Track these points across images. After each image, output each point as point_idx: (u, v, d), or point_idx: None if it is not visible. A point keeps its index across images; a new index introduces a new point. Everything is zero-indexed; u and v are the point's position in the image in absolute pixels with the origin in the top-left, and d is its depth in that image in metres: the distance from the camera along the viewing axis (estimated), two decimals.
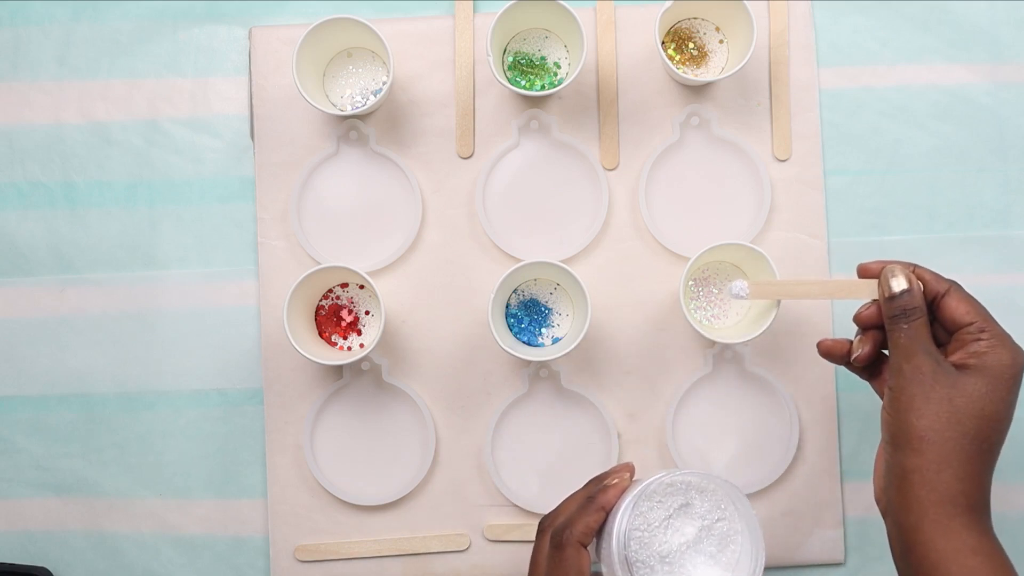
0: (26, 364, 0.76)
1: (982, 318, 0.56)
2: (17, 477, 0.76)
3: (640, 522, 0.58)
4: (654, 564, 0.58)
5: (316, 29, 0.69)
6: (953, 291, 0.58)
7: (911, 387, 0.55)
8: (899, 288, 0.57)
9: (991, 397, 0.54)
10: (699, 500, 0.60)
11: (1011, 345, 0.55)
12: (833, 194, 0.76)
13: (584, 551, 0.58)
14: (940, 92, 0.77)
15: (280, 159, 0.76)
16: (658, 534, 0.59)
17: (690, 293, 0.74)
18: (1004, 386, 0.54)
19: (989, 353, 0.55)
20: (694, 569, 0.59)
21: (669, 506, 0.59)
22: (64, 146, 0.77)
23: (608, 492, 0.60)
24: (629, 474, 0.61)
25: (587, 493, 0.61)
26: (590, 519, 0.59)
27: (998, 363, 0.54)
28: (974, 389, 0.54)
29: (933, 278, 0.58)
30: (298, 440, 0.75)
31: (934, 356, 0.55)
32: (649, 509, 0.59)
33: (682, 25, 0.76)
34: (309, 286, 0.71)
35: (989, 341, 0.55)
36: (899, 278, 0.58)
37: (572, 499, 0.62)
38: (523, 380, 0.74)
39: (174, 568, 0.76)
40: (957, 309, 0.57)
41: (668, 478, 0.59)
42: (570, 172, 0.76)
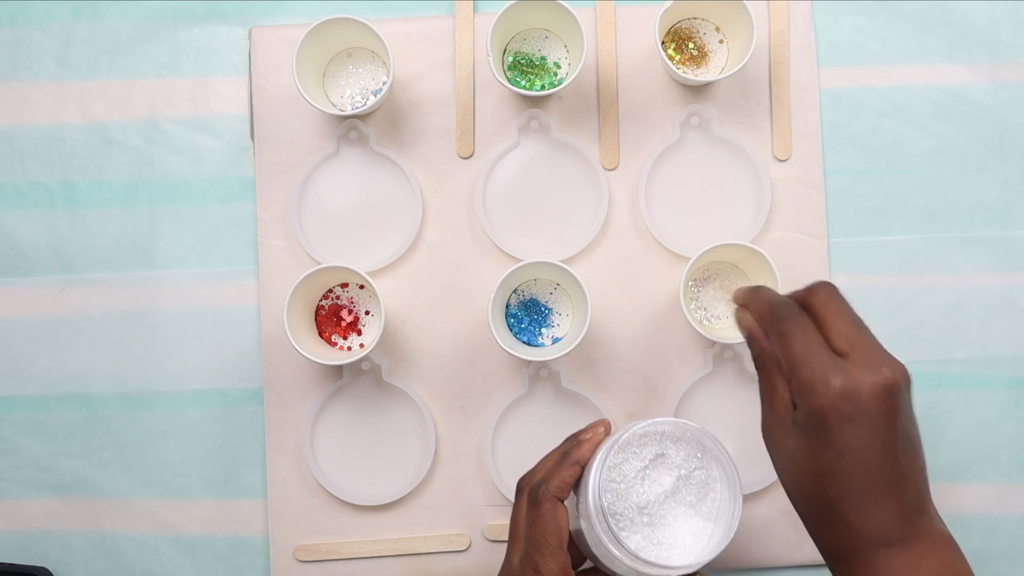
0: (26, 364, 0.76)
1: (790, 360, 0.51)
2: (17, 477, 0.76)
3: (615, 474, 0.58)
4: (632, 516, 0.58)
5: (316, 29, 0.69)
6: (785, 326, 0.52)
7: (768, 451, 0.54)
8: (744, 337, 0.56)
9: (818, 453, 0.50)
10: (674, 450, 0.59)
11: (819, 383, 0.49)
12: (833, 194, 0.76)
13: (561, 505, 0.59)
14: (940, 92, 0.77)
15: (280, 159, 0.76)
16: (635, 485, 0.58)
17: (690, 293, 0.74)
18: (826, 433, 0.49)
19: (800, 406, 0.50)
20: (674, 520, 0.59)
21: (644, 457, 0.59)
22: (64, 146, 0.77)
23: (582, 447, 0.60)
24: (603, 429, 0.62)
25: (562, 450, 0.61)
26: (565, 474, 0.59)
27: (806, 414, 0.50)
28: (800, 448, 0.51)
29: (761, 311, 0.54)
30: (298, 440, 0.75)
31: (775, 415, 0.52)
32: (624, 461, 0.59)
33: (682, 25, 0.76)
34: (309, 286, 0.71)
35: (797, 392, 0.50)
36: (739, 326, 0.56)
37: (548, 457, 0.62)
38: (523, 380, 0.74)
39: (174, 568, 0.76)
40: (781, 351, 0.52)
41: (641, 429, 0.58)
42: (570, 172, 0.76)
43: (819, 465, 0.50)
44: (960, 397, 0.75)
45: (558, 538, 0.58)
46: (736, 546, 0.74)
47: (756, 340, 0.54)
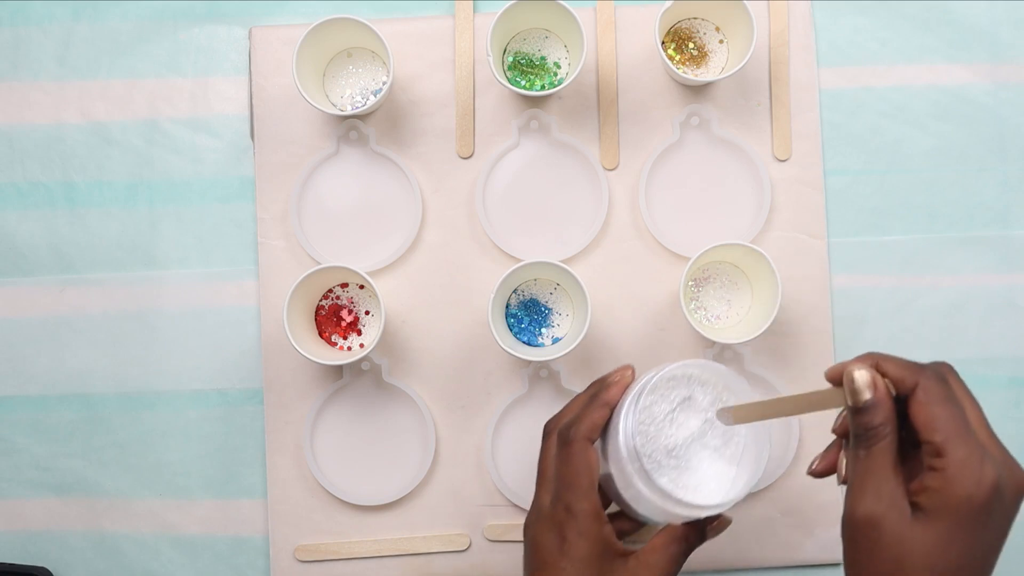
0: (26, 364, 0.76)
1: (944, 433, 0.45)
2: (17, 477, 0.76)
3: (644, 416, 0.58)
4: (660, 458, 0.58)
5: (316, 29, 0.69)
6: (919, 391, 0.47)
7: (854, 547, 0.47)
8: (864, 398, 0.47)
9: (944, 548, 0.45)
10: (701, 393, 0.59)
11: (972, 473, 0.45)
12: (833, 194, 0.76)
13: (591, 446, 0.58)
14: (940, 92, 0.77)
15: (280, 159, 0.76)
16: (663, 428, 0.58)
17: (690, 293, 0.74)
18: (962, 529, 0.45)
19: (941, 491, 0.45)
20: (700, 463, 0.59)
21: (672, 399, 0.59)
22: (64, 146, 0.77)
23: (611, 389, 0.60)
24: (631, 372, 0.61)
25: (590, 393, 0.61)
26: (595, 415, 0.59)
27: (949, 504, 0.45)
28: (922, 543, 0.45)
29: (899, 374, 0.48)
30: (298, 440, 0.75)
31: (885, 500, 0.46)
32: (652, 403, 0.58)
33: (682, 25, 0.76)
34: (309, 286, 0.71)
35: (943, 472, 0.45)
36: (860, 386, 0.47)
37: (576, 401, 0.62)
38: (523, 380, 0.74)
39: (174, 568, 0.76)
40: (917, 417, 0.47)
41: (670, 371, 0.58)
42: (570, 172, 0.76)
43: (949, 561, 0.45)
44: None
45: (589, 478, 0.57)
46: (736, 546, 0.74)
47: (881, 406, 0.47)
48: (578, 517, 0.57)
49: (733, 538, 0.74)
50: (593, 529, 0.57)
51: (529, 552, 0.59)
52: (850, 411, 0.48)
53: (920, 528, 0.45)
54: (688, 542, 0.58)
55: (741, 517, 0.74)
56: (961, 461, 0.45)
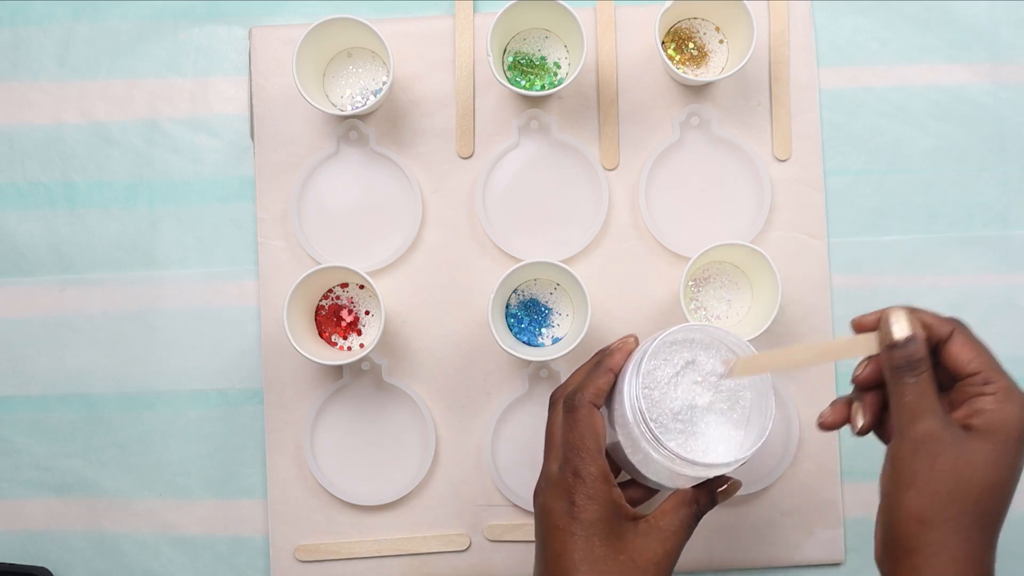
0: (26, 364, 0.77)
1: (987, 367, 0.51)
2: (17, 477, 0.76)
3: (648, 380, 0.59)
4: (667, 422, 0.58)
5: (316, 29, 0.69)
6: (957, 334, 0.53)
7: (914, 460, 0.50)
8: (902, 335, 0.52)
9: (997, 464, 0.50)
10: (704, 356, 0.60)
11: (1019, 398, 0.51)
12: (833, 194, 0.76)
13: (597, 411, 0.59)
14: (940, 92, 0.77)
15: (280, 159, 0.76)
16: (668, 391, 0.59)
17: (690, 293, 0.74)
18: (1012, 449, 0.50)
19: (995, 411, 0.50)
20: (706, 427, 0.59)
21: (676, 363, 0.59)
22: (64, 146, 0.77)
23: (615, 355, 0.61)
24: (633, 339, 0.62)
25: (594, 361, 0.62)
26: (600, 381, 0.59)
27: (1005, 422, 0.50)
28: (981, 457, 0.49)
29: (935, 321, 0.53)
30: (298, 440, 0.75)
31: (941, 419, 0.51)
32: (656, 367, 0.59)
33: (682, 25, 0.76)
34: (309, 286, 0.71)
35: (995, 396, 0.50)
36: (902, 323, 0.52)
37: (580, 369, 0.62)
38: (523, 380, 0.74)
39: (174, 568, 0.76)
40: (960, 356, 0.52)
41: (671, 336, 0.59)
42: (570, 172, 0.76)
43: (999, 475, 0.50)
44: None
45: (596, 442, 0.58)
46: (736, 546, 0.74)
47: (922, 341, 0.52)
48: (586, 480, 0.57)
49: (733, 538, 0.74)
50: (602, 491, 0.57)
51: (539, 519, 0.59)
52: (889, 349, 0.52)
53: (976, 444, 0.50)
54: (698, 505, 0.59)
55: (741, 517, 0.74)
56: (1008, 387, 0.51)
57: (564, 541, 0.56)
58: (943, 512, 0.49)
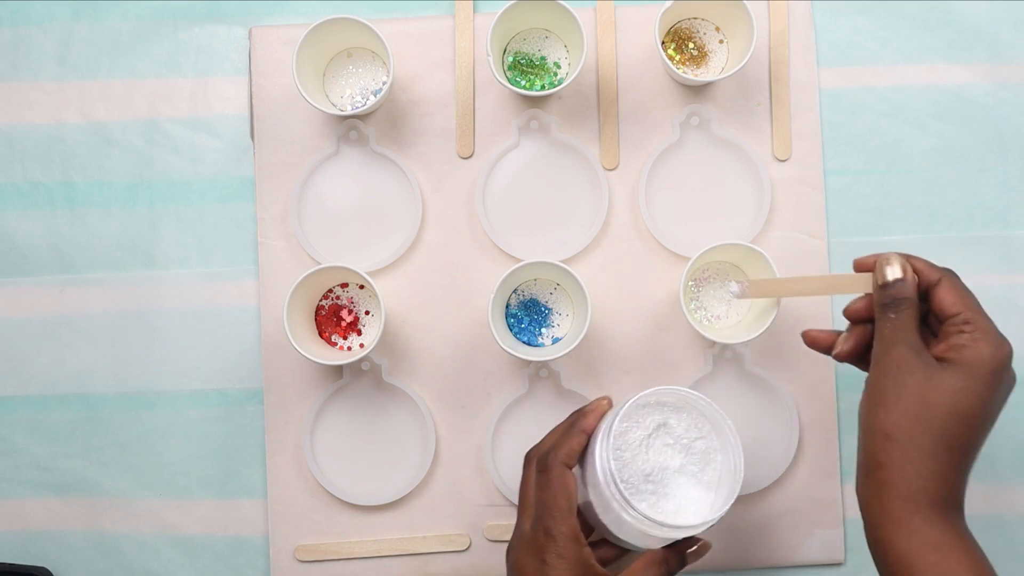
0: (26, 364, 0.76)
1: (969, 309, 0.55)
2: (17, 477, 0.76)
3: (620, 442, 0.60)
4: (638, 483, 0.59)
5: (316, 29, 0.69)
6: (945, 281, 0.56)
7: (885, 380, 0.54)
8: (892, 276, 0.56)
9: (965, 392, 0.52)
10: (676, 419, 0.61)
11: (994, 338, 0.54)
12: (833, 194, 0.76)
13: (569, 471, 0.60)
14: (940, 92, 0.77)
15: (280, 159, 0.76)
16: (640, 453, 0.60)
17: (690, 293, 0.74)
18: (981, 381, 0.53)
19: (969, 347, 0.53)
20: (677, 489, 0.60)
21: (647, 426, 0.61)
22: (64, 146, 0.77)
23: (587, 417, 0.62)
24: (607, 402, 0.63)
25: (568, 422, 0.63)
26: (572, 442, 0.61)
27: (977, 357, 0.53)
28: (948, 384, 0.53)
29: (926, 267, 0.57)
30: (298, 440, 0.75)
31: (914, 349, 0.54)
32: (627, 429, 0.60)
33: (682, 25, 0.76)
34: (309, 286, 0.71)
35: (971, 334, 0.54)
36: (894, 266, 0.56)
37: (553, 431, 0.64)
38: (523, 380, 0.74)
39: (174, 568, 0.76)
40: (944, 299, 0.55)
41: (642, 400, 0.60)
42: (570, 172, 0.76)
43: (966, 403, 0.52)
44: None
45: (568, 502, 0.59)
46: (736, 546, 0.74)
47: (910, 282, 0.55)
48: (557, 539, 0.58)
49: (733, 538, 0.74)
50: (572, 551, 0.58)
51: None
52: (880, 288, 0.56)
53: (947, 374, 0.53)
54: (668, 565, 0.60)
55: (741, 517, 0.74)
56: (986, 328, 0.54)
57: None
58: (909, 429, 0.52)
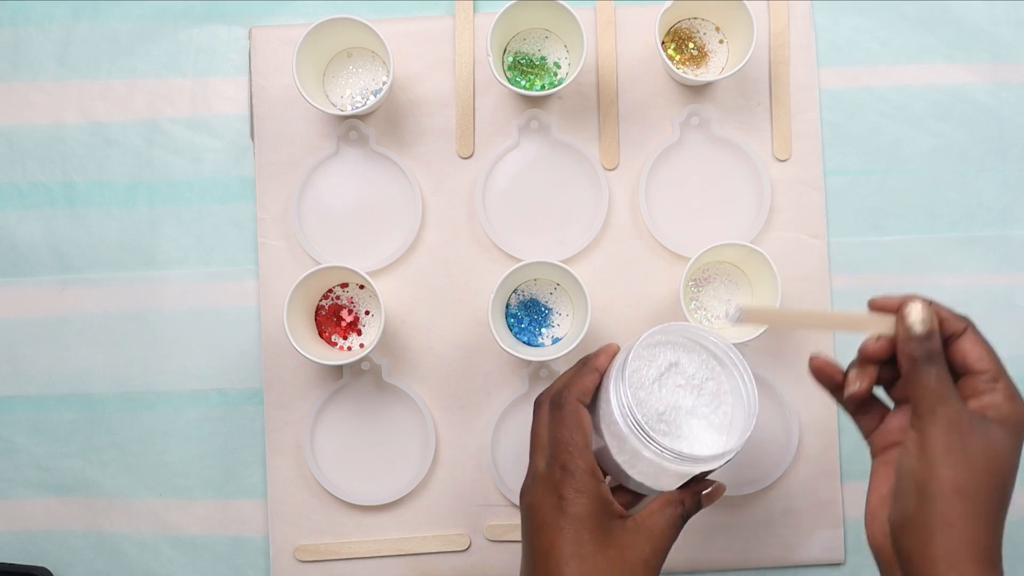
0: (26, 364, 0.76)
1: (995, 366, 0.54)
2: (17, 477, 0.76)
3: (634, 380, 0.59)
4: (652, 422, 0.59)
5: (316, 29, 0.69)
6: (970, 332, 0.54)
7: (947, 436, 0.51)
8: (923, 329, 0.53)
9: (1015, 450, 0.52)
10: (687, 359, 0.61)
11: (1018, 394, 0.53)
12: (833, 194, 0.76)
13: (583, 408, 0.59)
14: (940, 92, 0.77)
15: (280, 159, 0.76)
16: (653, 392, 0.59)
17: (690, 293, 0.74)
18: (1020, 437, 0.53)
19: (1006, 405, 0.52)
20: (690, 431, 0.60)
21: (659, 364, 0.60)
22: (64, 146, 0.77)
23: (599, 356, 0.61)
24: (616, 345, 0.62)
25: (579, 364, 0.62)
26: (586, 379, 0.60)
27: (1014, 415, 0.52)
28: (1003, 442, 0.52)
29: (950, 317, 0.55)
30: (298, 440, 0.75)
31: (962, 404, 0.53)
32: (640, 368, 0.59)
33: (682, 25, 0.76)
34: (309, 286, 0.71)
35: (1006, 392, 0.53)
36: (924, 317, 0.53)
37: (564, 374, 0.62)
38: (523, 380, 0.74)
39: (174, 568, 0.76)
40: (971, 353, 0.54)
41: (652, 338, 0.59)
42: (570, 172, 0.76)
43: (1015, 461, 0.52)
44: None
45: (584, 438, 0.58)
46: (736, 546, 0.74)
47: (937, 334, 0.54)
48: (575, 474, 0.57)
49: (733, 538, 0.74)
50: (591, 486, 0.57)
51: (527, 518, 0.59)
52: (915, 340, 0.53)
53: (999, 433, 0.52)
54: (684, 506, 0.59)
55: (741, 517, 0.74)
56: (1012, 388, 0.53)
57: (552, 537, 0.56)
58: (978, 484, 0.51)
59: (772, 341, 0.74)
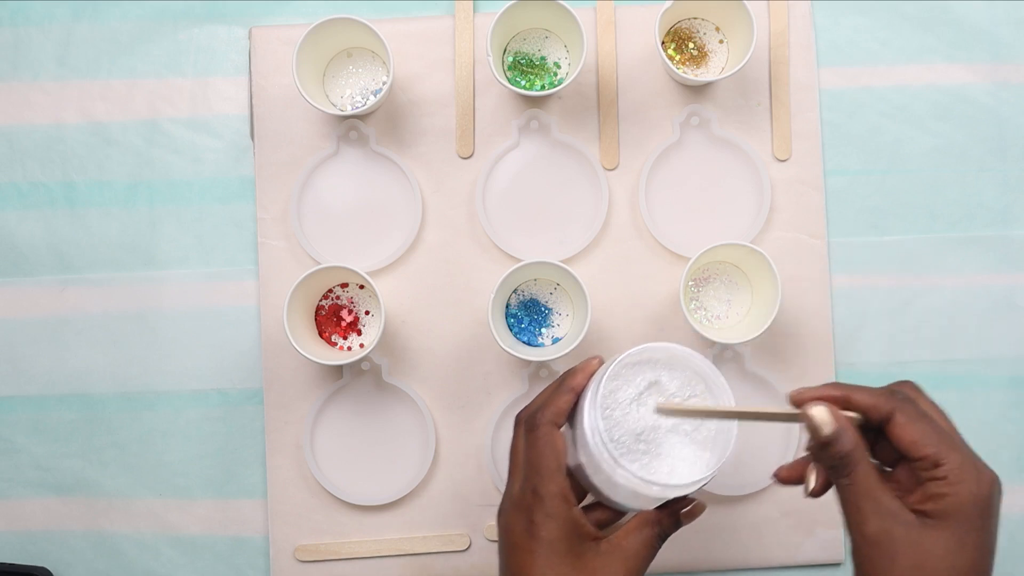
0: (26, 364, 0.76)
1: (935, 445, 0.49)
2: (17, 477, 0.76)
3: (610, 401, 0.58)
4: (629, 443, 0.58)
5: (316, 29, 0.69)
6: (898, 414, 0.50)
7: (873, 561, 0.48)
8: (826, 431, 0.49)
9: (961, 548, 0.47)
10: (668, 376, 0.59)
11: (972, 473, 0.48)
12: (833, 194, 0.76)
13: (557, 430, 0.58)
14: (940, 92, 0.77)
15: (280, 159, 0.76)
16: (631, 412, 0.58)
17: (690, 293, 0.74)
18: (973, 529, 0.48)
19: (949, 495, 0.48)
20: (671, 449, 0.58)
21: (638, 384, 0.59)
22: (64, 146, 0.77)
23: (576, 375, 0.60)
24: (597, 360, 0.61)
25: (557, 382, 0.61)
26: (560, 400, 0.59)
27: (960, 506, 0.47)
28: (941, 546, 0.47)
29: (872, 402, 0.51)
30: (298, 440, 0.75)
31: (889, 513, 0.48)
32: (617, 388, 0.58)
33: (682, 25, 0.76)
34: (309, 286, 0.71)
35: (946, 479, 0.48)
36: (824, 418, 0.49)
37: (544, 391, 0.62)
38: (523, 380, 0.74)
39: (174, 568, 0.76)
40: (903, 438, 0.49)
41: (632, 357, 0.58)
42: (570, 172, 0.76)
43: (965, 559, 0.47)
44: (960, 397, 0.75)
45: (556, 461, 0.57)
46: (736, 546, 0.74)
47: (846, 434, 0.49)
48: (545, 499, 0.57)
49: (733, 538, 0.74)
50: (561, 510, 0.57)
51: (501, 538, 0.59)
52: (819, 448, 0.50)
53: (934, 533, 0.48)
54: (661, 526, 0.58)
55: (741, 517, 0.74)
56: (960, 466, 0.48)
57: (524, 560, 0.56)
58: None
59: (772, 341, 0.74)
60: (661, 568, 0.74)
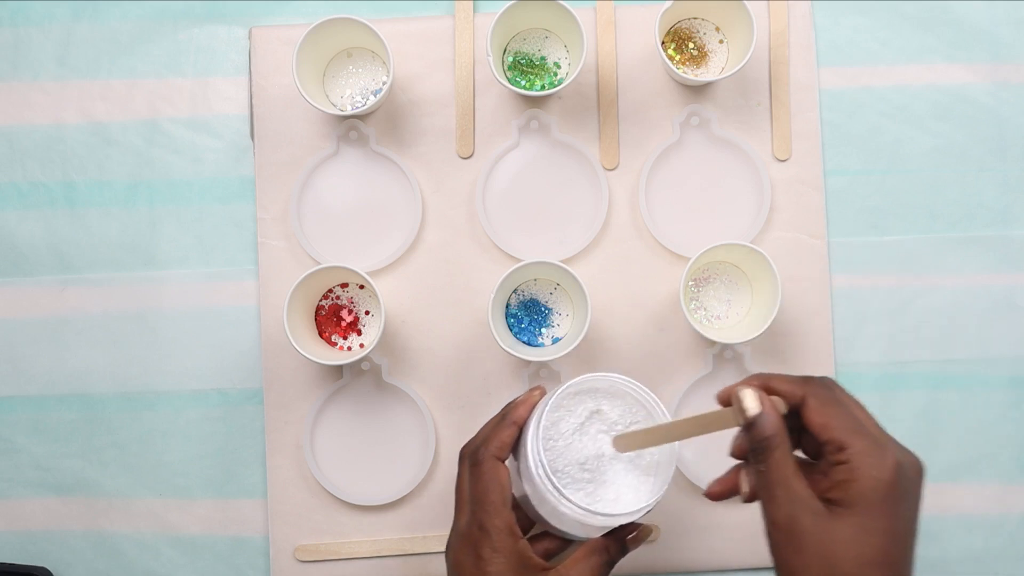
0: (26, 364, 0.76)
1: (840, 430, 0.49)
2: (17, 477, 0.76)
3: (553, 432, 0.59)
4: (573, 472, 0.59)
5: (316, 29, 0.69)
6: (809, 399, 0.50)
7: (784, 550, 0.48)
8: (751, 412, 0.49)
9: (866, 536, 0.47)
10: (609, 405, 0.60)
11: (874, 458, 0.48)
12: (833, 194, 0.76)
13: (501, 464, 0.59)
14: (940, 92, 0.77)
15: (280, 159, 0.76)
16: (573, 442, 0.59)
17: (690, 293, 0.74)
18: (879, 514, 0.47)
19: (851, 481, 0.48)
20: (615, 476, 0.59)
21: (580, 414, 0.60)
22: (64, 146, 0.77)
23: (518, 408, 0.61)
24: (539, 392, 0.62)
25: (500, 415, 0.62)
26: (503, 434, 0.60)
27: (862, 492, 0.47)
28: (846, 535, 0.47)
29: (788, 388, 0.51)
30: (298, 440, 0.75)
31: (799, 501, 0.48)
32: (559, 419, 0.59)
33: (682, 25, 0.76)
34: (309, 286, 0.71)
35: (849, 464, 0.48)
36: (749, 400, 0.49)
37: (486, 425, 0.63)
38: (523, 380, 0.74)
39: (174, 568, 0.76)
40: (813, 424, 0.50)
41: (572, 388, 0.59)
42: (570, 172, 0.76)
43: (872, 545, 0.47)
44: (960, 397, 0.75)
45: (501, 495, 0.58)
46: (736, 546, 0.74)
47: (770, 418, 0.49)
48: (491, 534, 0.57)
49: (733, 538, 0.74)
50: (507, 544, 0.57)
51: (451, 573, 0.60)
52: (744, 430, 0.51)
53: (839, 520, 0.47)
54: (608, 553, 0.59)
55: (741, 517, 0.74)
56: (862, 450, 0.48)
57: None
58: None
59: (772, 341, 0.74)
60: (653, 569, 0.74)
